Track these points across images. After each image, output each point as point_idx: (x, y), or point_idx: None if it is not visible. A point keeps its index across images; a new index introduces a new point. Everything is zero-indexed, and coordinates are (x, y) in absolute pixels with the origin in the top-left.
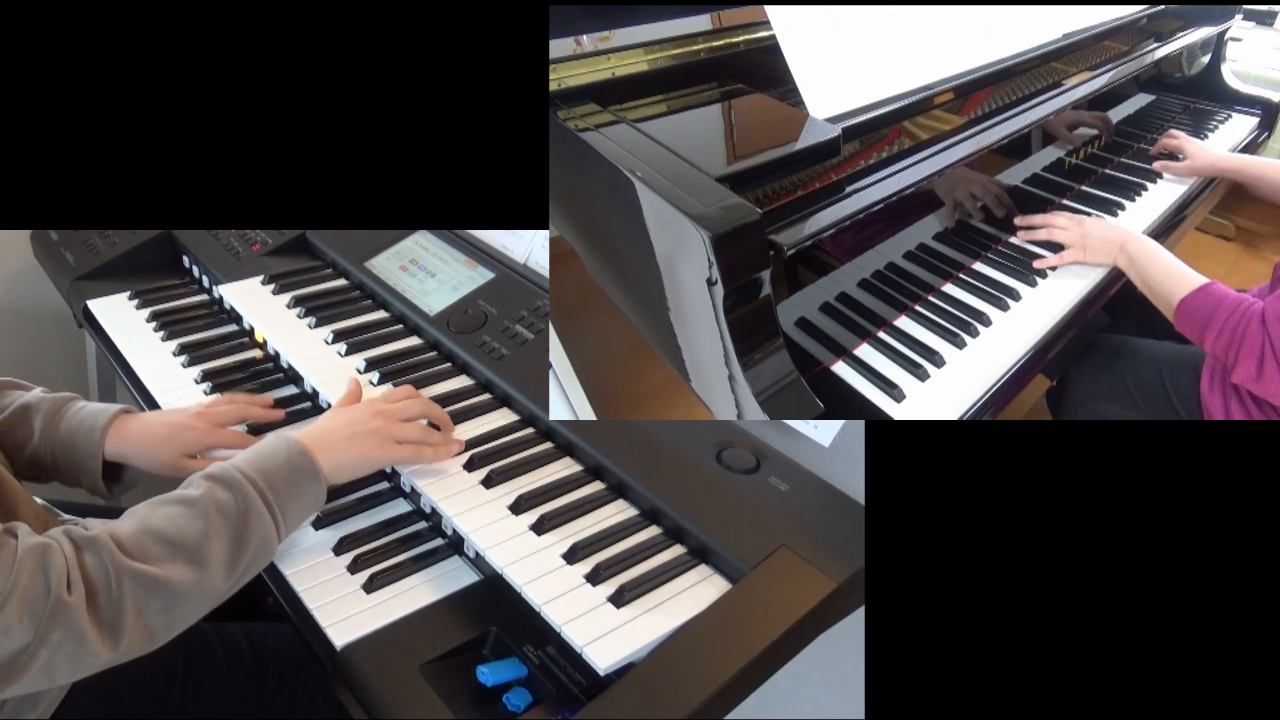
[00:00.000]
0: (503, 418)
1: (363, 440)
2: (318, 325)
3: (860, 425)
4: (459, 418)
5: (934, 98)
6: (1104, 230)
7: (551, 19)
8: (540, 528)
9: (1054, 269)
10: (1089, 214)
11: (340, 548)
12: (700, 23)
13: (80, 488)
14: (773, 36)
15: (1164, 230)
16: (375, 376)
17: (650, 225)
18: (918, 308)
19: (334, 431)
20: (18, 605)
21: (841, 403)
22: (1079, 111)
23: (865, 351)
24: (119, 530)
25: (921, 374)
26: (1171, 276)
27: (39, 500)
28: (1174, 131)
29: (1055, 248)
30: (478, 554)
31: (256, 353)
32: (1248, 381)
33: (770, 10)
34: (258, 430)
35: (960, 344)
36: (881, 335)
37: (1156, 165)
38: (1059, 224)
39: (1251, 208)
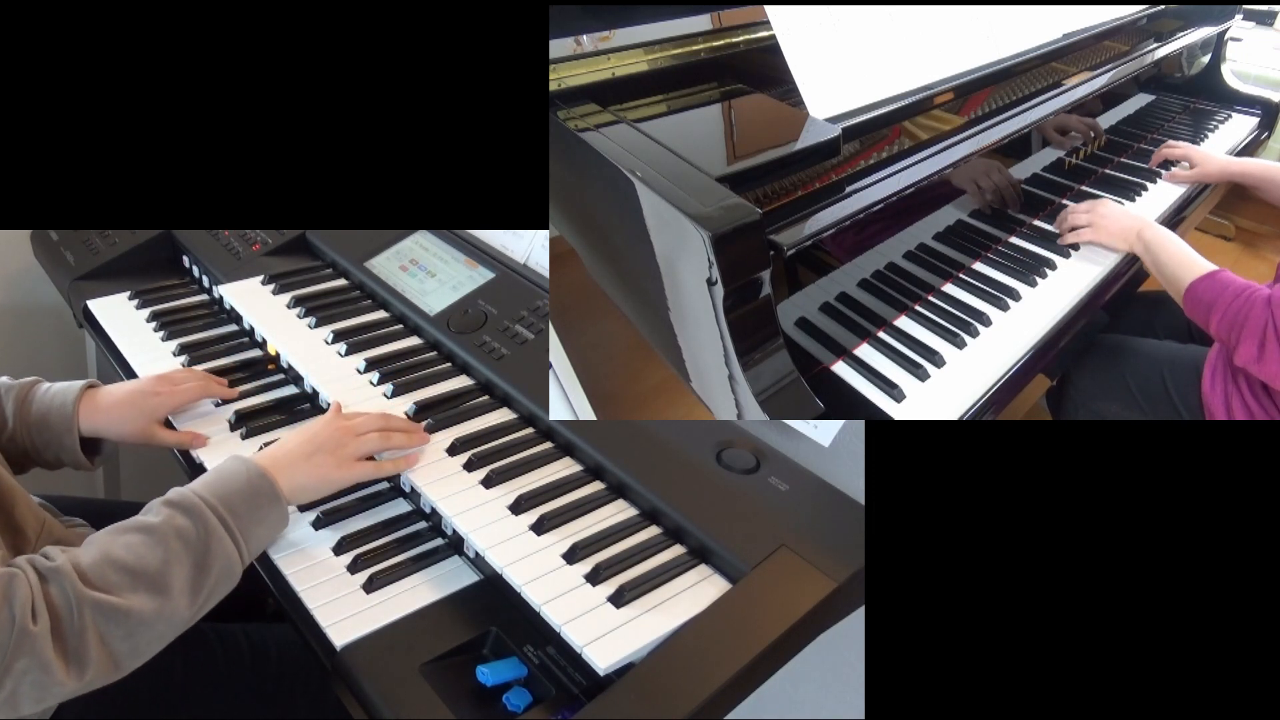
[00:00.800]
0: (502, 418)
1: (321, 460)
2: (318, 325)
3: (860, 425)
4: (459, 418)
5: (934, 98)
6: (1120, 215)
7: (551, 19)
8: (540, 528)
9: (1074, 247)
10: None
11: (340, 548)
12: (700, 23)
13: (62, 466)
14: (773, 36)
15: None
16: (375, 376)
17: (650, 225)
18: (918, 308)
19: (292, 453)
20: None
21: (841, 403)
22: (1066, 117)
23: (865, 351)
24: (80, 560)
25: (921, 374)
26: (1183, 263)
27: (36, 498)
28: (1172, 142)
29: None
30: (478, 554)
31: (257, 352)
32: (1249, 363)
33: (770, 10)
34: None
35: (960, 344)
36: (881, 335)
37: (1166, 176)
38: (1079, 209)
39: (1251, 208)
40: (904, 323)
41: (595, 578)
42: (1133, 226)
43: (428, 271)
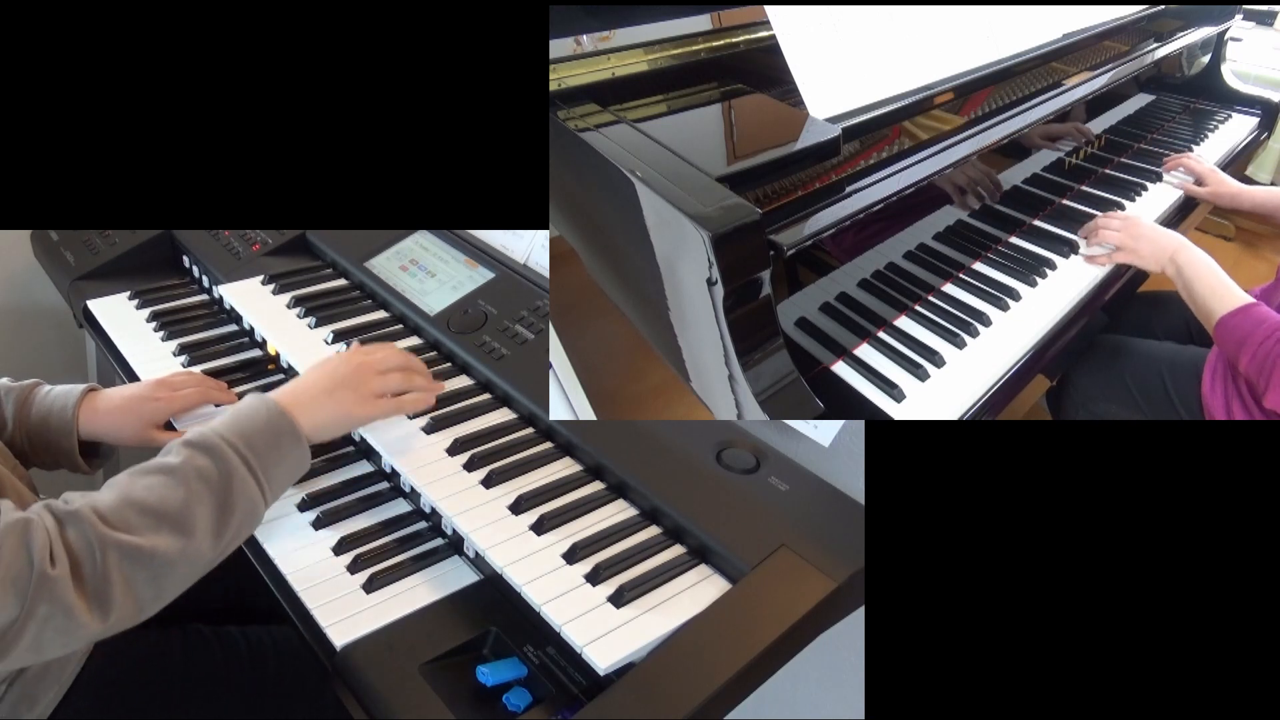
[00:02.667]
0: (502, 417)
1: (342, 396)
2: (318, 325)
3: (860, 425)
4: (459, 417)
5: (934, 98)
6: (1154, 236)
7: (551, 19)
8: (540, 528)
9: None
10: (1094, 215)
11: (340, 548)
12: (700, 23)
13: (60, 469)
14: (773, 36)
15: None
16: None
17: (650, 225)
18: (918, 308)
19: (312, 389)
20: (1, 580)
21: (841, 403)
22: (1051, 125)
23: (865, 351)
24: (100, 502)
25: (921, 374)
26: (1215, 292)
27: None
28: (1193, 158)
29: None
30: (478, 554)
31: (256, 352)
32: (1279, 408)
33: (770, 10)
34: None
35: (960, 344)
36: (881, 335)
37: (1177, 184)
38: (1112, 225)
39: (1252, 213)
40: (904, 323)
41: (595, 578)
42: (1167, 249)
43: (428, 271)
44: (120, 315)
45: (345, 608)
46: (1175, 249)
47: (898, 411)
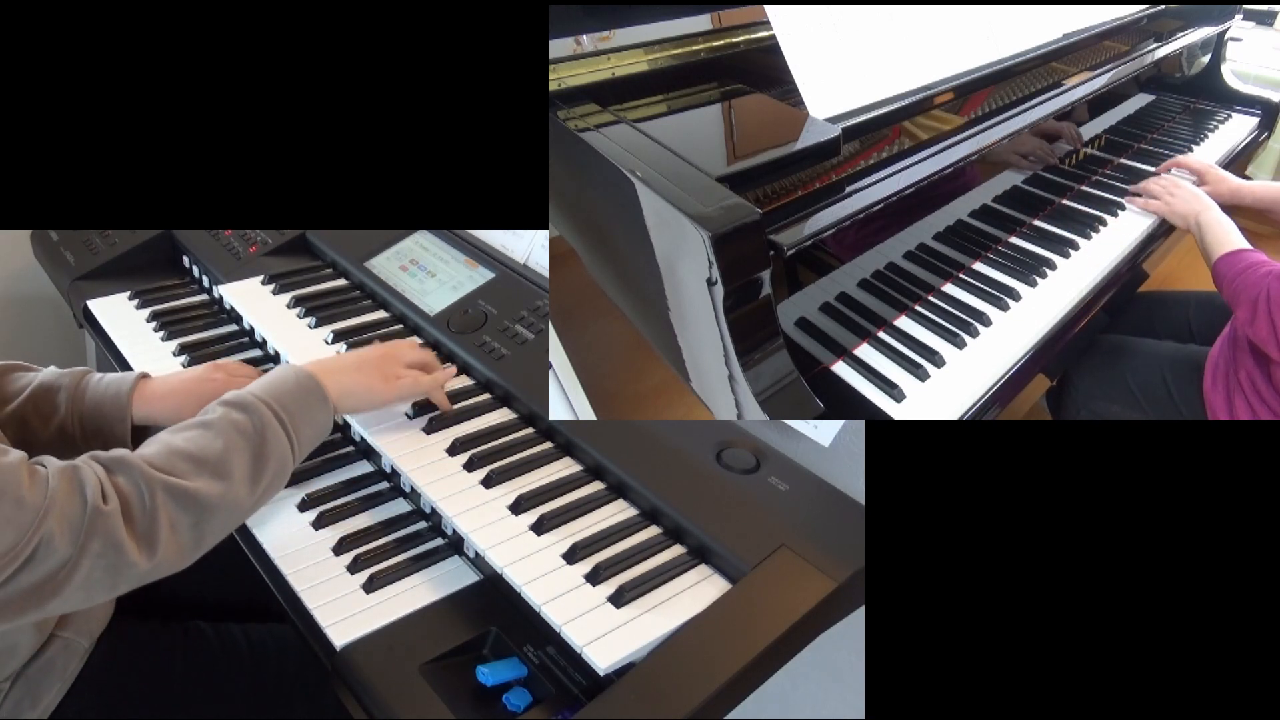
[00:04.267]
0: (502, 417)
1: (369, 372)
2: (318, 325)
3: (860, 425)
4: (459, 417)
5: (934, 98)
6: (1190, 197)
7: (551, 19)
8: (540, 528)
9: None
10: (1093, 215)
11: (340, 547)
12: (700, 23)
13: None
14: (773, 36)
15: (1165, 230)
16: None
17: (650, 225)
18: (918, 308)
19: (339, 362)
20: (57, 519)
21: (841, 403)
22: (1034, 139)
23: (865, 351)
24: (145, 451)
25: (921, 374)
26: (1221, 242)
27: None
28: (1188, 158)
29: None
30: (478, 554)
31: (257, 352)
32: (1244, 326)
33: (770, 10)
34: None
35: (960, 344)
36: (881, 335)
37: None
38: (1159, 180)
39: (1252, 208)
40: (904, 323)
41: (595, 578)
42: (1195, 209)
43: (428, 271)
44: (120, 315)
45: (345, 608)
46: (1201, 209)
47: (898, 411)
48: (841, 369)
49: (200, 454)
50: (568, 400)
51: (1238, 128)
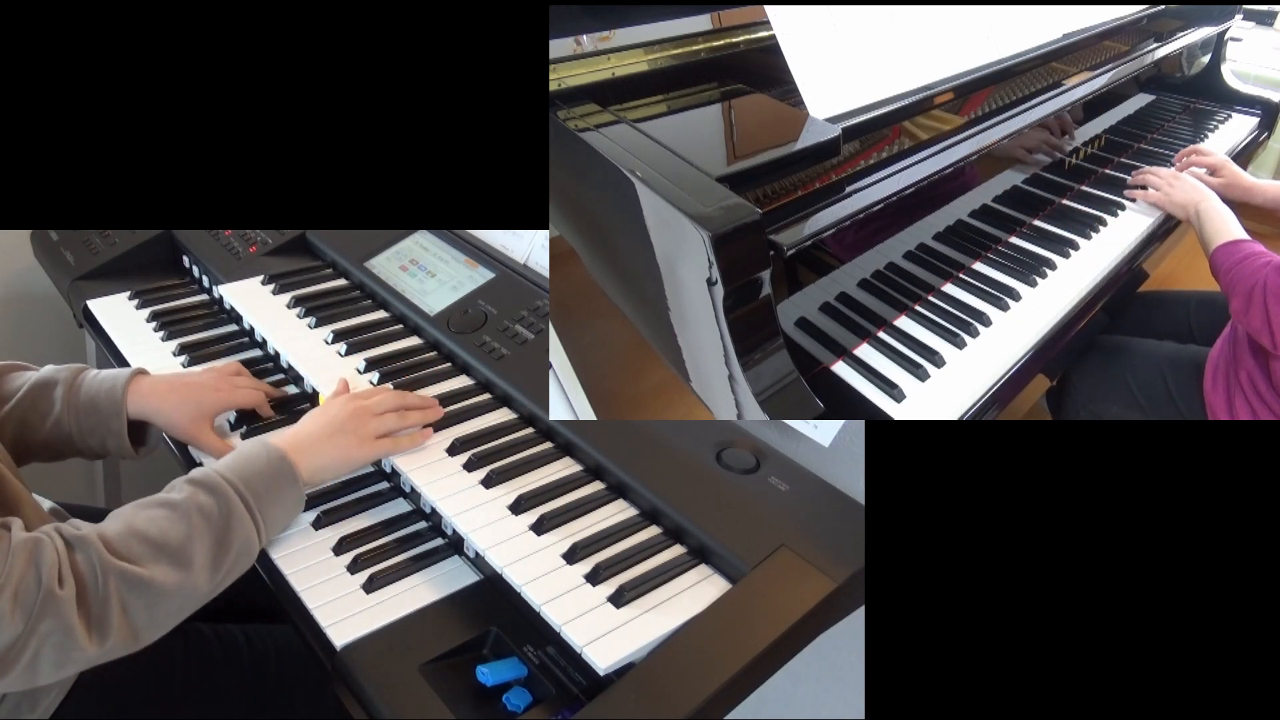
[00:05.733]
0: (502, 417)
1: (341, 441)
2: (318, 325)
3: (860, 425)
4: (459, 417)
5: (934, 98)
6: (1190, 189)
7: (551, 19)
8: (540, 528)
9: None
10: (1093, 215)
11: (340, 548)
12: (700, 23)
13: (106, 454)
14: (773, 36)
15: (1164, 230)
16: (375, 376)
17: (650, 225)
18: (918, 308)
19: (313, 435)
20: (11, 596)
21: (841, 403)
22: (1038, 132)
23: (865, 351)
24: (106, 531)
25: (921, 374)
26: (1219, 232)
27: (46, 504)
28: (1203, 149)
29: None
30: (478, 554)
31: (256, 352)
32: (1238, 315)
33: (770, 10)
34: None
35: (960, 344)
36: (881, 335)
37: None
38: (1158, 172)
39: (1253, 207)
40: (904, 323)
41: (595, 578)
42: (1194, 199)
43: (428, 271)
44: (120, 315)
45: (345, 608)
46: (1199, 200)
47: (898, 411)
48: (841, 369)
49: (161, 539)
50: (568, 400)
51: (1238, 128)
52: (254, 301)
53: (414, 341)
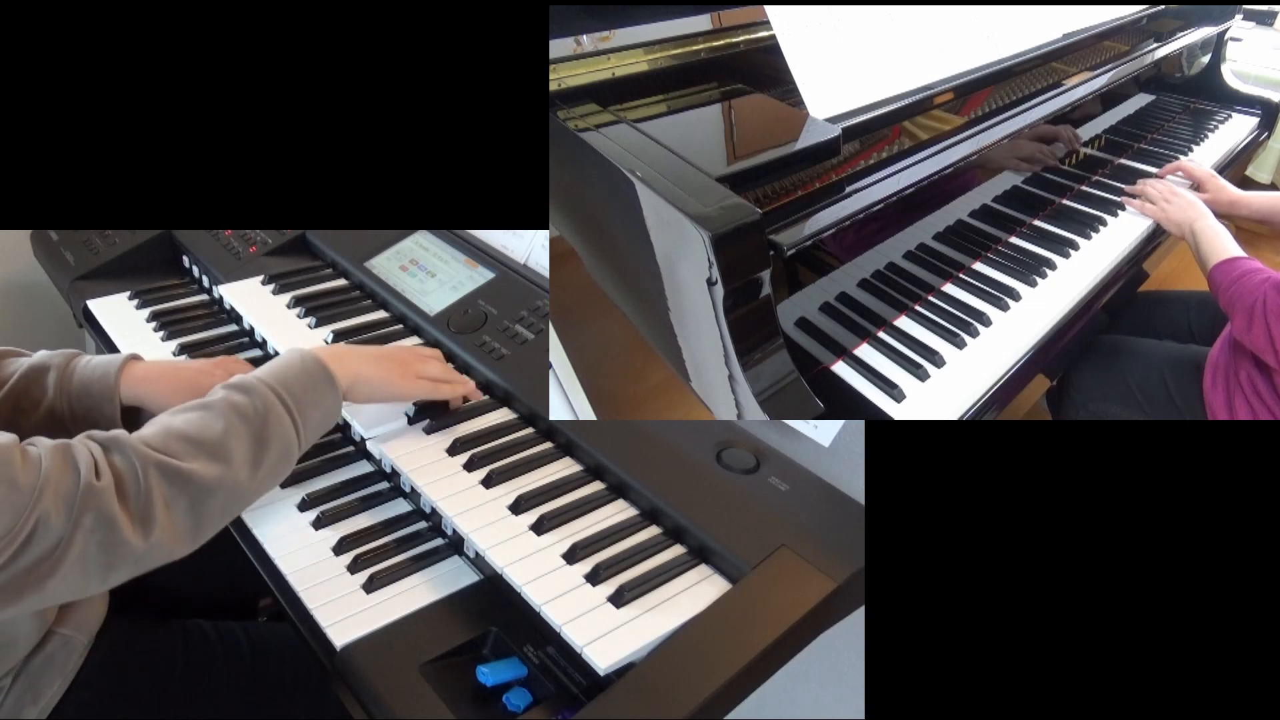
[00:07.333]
0: (503, 418)
1: (388, 364)
2: (318, 325)
3: (860, 425)
4: (459, 417)
5: (934, 98)
6: (1187, 205)
7: (551, 19)
8: (540, 528)
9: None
10: (1093, 215)
11: (340, 547)
12: (700, 23)
13: None
14: (773, 36)
15: (1163, 231)
16: None
17: (650, 225)
18: (918, 308)
19: (356, 352)
20: (51, 496)
21: (841, 403)
22: (1031, 143)
23: (865, 351)
24: (142, 432)
25: (921, 374)
26: (1216, 250)
27: None
28: (1189, 162)
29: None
30: (478, 554)
31: (256, 352)
32: (1240, 334)
33: (770, 10)
34: None
35: (960, 344)
36: (881, 335)
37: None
38: (1156, 184)
39: (1249, 219)
40: (904, 323)
41: (595, 578)
42: (1190, 218)
43: (428, 271)
44: (120, 315)
45: (345, 608)
46: (1195, 218)
47: (898, 411)
48: (841, 369)
49: (198, 435)
50: (568, 400)
51: (1238, 128)
52: (254, 301)
53: (414, 341)
